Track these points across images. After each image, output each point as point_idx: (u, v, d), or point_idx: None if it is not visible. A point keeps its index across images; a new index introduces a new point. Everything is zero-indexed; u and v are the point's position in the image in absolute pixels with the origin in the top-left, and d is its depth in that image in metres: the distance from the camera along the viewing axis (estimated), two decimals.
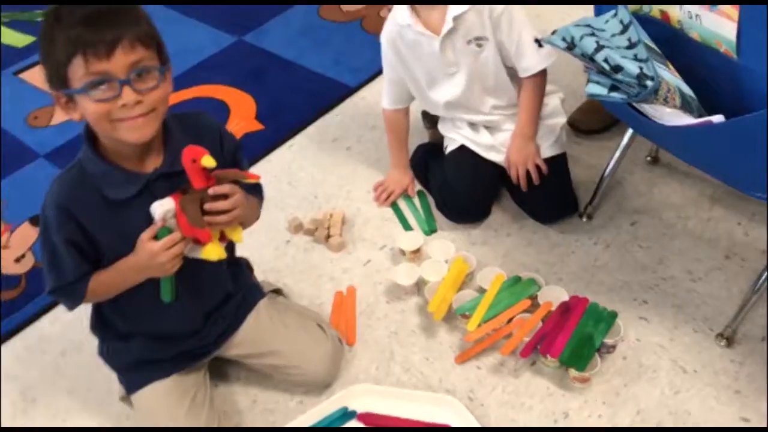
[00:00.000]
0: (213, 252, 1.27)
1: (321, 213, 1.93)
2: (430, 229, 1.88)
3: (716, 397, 1.48)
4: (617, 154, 1.81)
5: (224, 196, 1.23)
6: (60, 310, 1.75)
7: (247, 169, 1.41)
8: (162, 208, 1.22)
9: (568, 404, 1.49)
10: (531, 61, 1.71)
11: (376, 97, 2.33)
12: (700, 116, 1.31)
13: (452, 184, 1.84)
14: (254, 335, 1.51)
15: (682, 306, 1.65)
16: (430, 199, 1.96)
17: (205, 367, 1.52)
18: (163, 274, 1.26)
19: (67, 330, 1.73)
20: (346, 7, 2.78)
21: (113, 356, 1.48)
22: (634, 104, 1.39)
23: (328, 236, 1.87)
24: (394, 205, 1.97)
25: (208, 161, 1.18)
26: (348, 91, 2.37)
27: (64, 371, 1.66)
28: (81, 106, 1.16)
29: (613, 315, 1.57)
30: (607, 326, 1.54)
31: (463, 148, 1.86)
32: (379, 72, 2.41)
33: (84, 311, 1.43)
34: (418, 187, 2.01)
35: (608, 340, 1.53)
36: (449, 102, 1.80)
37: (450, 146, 1.89)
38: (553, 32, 1.38)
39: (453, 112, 1.84)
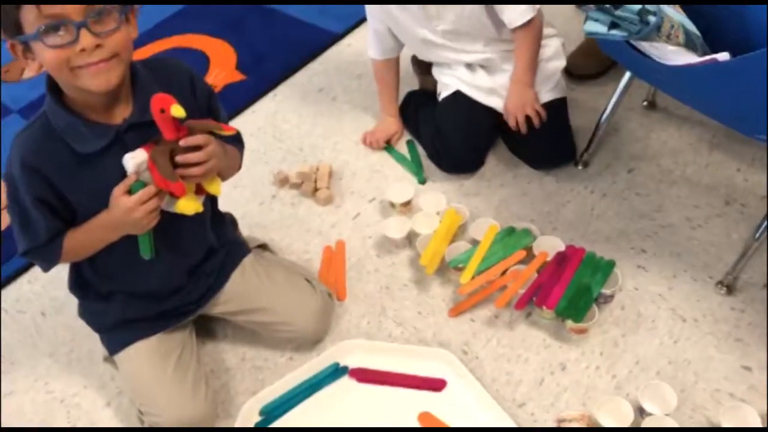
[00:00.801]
0: (188, 206, 1.20)
1: (307, 166, 1.86)
2: (420, 181, 1.82)
3: (716, 346, 1.44)
4: (613, 99, 1.75)
5: (197, 147, 1.16)
6: (38, 269, 1.69)
7: (224, 118, 1.34)
8: (134, 160, 1.15)
9: (565, 356, 1.46)
10: (512, 15, 1.64)
11: (363, 43, 2.24)
12: (705, 54, 1.25)
13: (446, 133, 1.78)
14: (240, 292, 1.46)
15: (681, 254, 1.60)
16: (420, 150, 1.89)
17: (190, 325, 1.47)
18: (140, 230, 1.20)
19: (46, 290, 1.68)
20: None
21: (94, 317, 1.43)
22: (634, 44, 1.32)
23: (315, 189, 1.81)
24: (387, 148, 1.91)
25: (178, 111, 1.11)
26: (333, 39, 2.28)
27: (44, 333, 1.61)
28: (38, 55, 1.08)
29: (611, 264, 1.53)
30: (604, 276, 1.50)
31: (457, 94, 1.79)
32: (365, 18, 2.34)
33: (63, 270, 1.37)
34: (408, 136, 1.94)
35: (606, 290, 1.49)
36: (430, 41, 1.73)
37: (444, 92, 1.82)
38: None
39: (445, 53, 1.77)
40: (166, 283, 1.37)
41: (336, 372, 1.46)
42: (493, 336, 1.50)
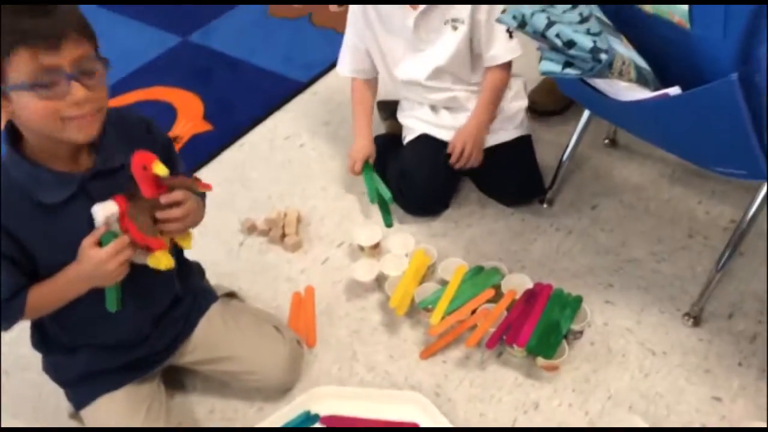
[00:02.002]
0: (163, 260, 1.20)
1: (275, 212, 1.86)
2: (387, 224, 1.82)
3: (687, 378, 1.45)
4: (574, 137, 1.78)
5: (176, 203, 1.17)
6: None
7: (182, 166, 1.34)
8: (104, 211, 1.14)
9: (537, 394, 1.45)
10: (499, 50, 1.69)
11: (329, 92, 2.28)
12: (656, 89, 1.28)
13: (410, 175, 1.79)
14: (207, 340, 1.43)
15: (647, 288, 1.62)
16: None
17: (158, 377, 1.44)
18: (110, 282, 1.19)
19: (10, 348, 1.63)
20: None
21: (58, 371, 1.39)
22: (589, 81, 1.36)
23: (283, 236, 1.81)
24: (364, 170, 1.85)
25: (160, 169, 1.11)
26: (299, 87, 2.30)
27: (7, 391, 1.56)
28: (18, 104, 1.06)
29: (578, 299, 1.53)
30: (572, 312, 1.51)
31: (421, 138, 1.81)
32: (331, 67, 2.38)
33: (27, 327, 1.34)
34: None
35: (575, 326, 1.49)
36: (410, 80, 1.76)
37: (408, 136, 1.85)
38: (503, 11, 1.34)
39: (413, 91, 1.80)
40: (132, 333, 1.35)
41: (307, 420, 1.43)
42: (465, 377, 1.49)
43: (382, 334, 1.59)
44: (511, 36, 1.67)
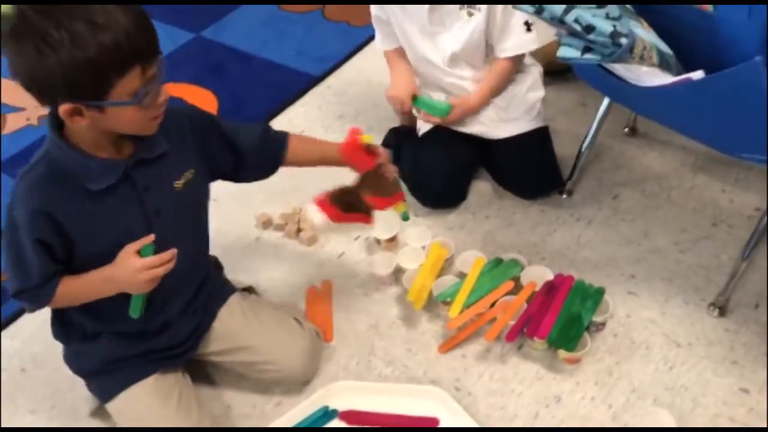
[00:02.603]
0: (402, 206, 1.46)
1: (291, 207, 1.84)
2: (404, 218, 1.79)
3: (713, 369, 1.42)
4: (594, 126, 1.75)
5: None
6: (19, 324, 1.65)
7: (246, 127, 1.40)
8: (318, 219, 1.36)
9: (559, 387, 1.42)
10: (514, 42, 1.67)
11: (343, 85, 2.26)
12: (678, 74, 1.25)
13: (426, 167, 1.77)
14: (228, 330, 1.43)
15: (671, 278, 1.58)
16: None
17: (183, 367, 1.43)
18: (138, 292, 1.22)
19: (26, 345, 1.63)
20: None
21: (81, 360, 1.38)
22: (609, 68, 1.33)
23: (299, 230, 1.79)
24: (416, 100, 1.77)
25: (367, 138, 1.32)
26: (313, 81, 2.28)
27: (24, 388, 1.56)
28: (113, 115, 1.08)
29: (600, 291, 1.50)
30: (594, 303, 1.48)
31: (437, 129, 1.79)
32: (345, 60, 2.37)
33: (44, 324, 1.35)
34: None
35: (597, 318, 1.46)
36: (428, 61, 1.74)
37: (423, 128, 1.82)
38: None
39: (430, 70, 1.77)
40: (157, 321, 1.33)
41: (326, 415, 1.42)
42: (485, 371, 1.47)
43: (400, 327, 1.57)
44: (529, 29, 1.65)
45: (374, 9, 1.79)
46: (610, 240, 1.68)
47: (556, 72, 2.00)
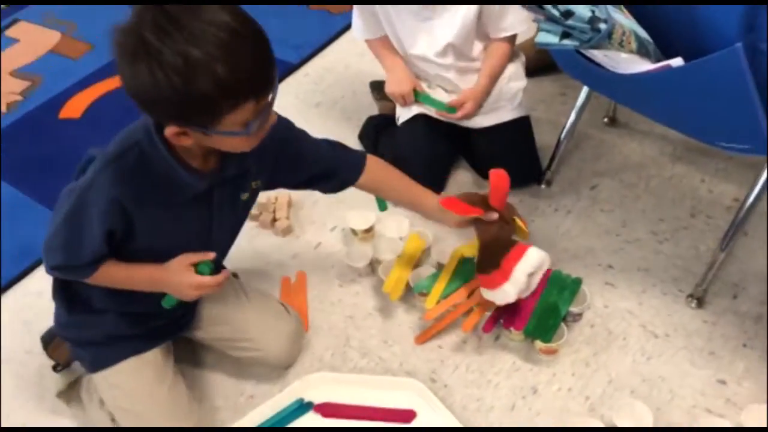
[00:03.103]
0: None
1: (265, 196, 1.80)
2: (381, 208, 1.76)
3: (690, 361, 1.41)
4: (572, 115, 1.73)
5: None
6: None
7: (315, 143, 1.36)
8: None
9: (536, 378, 1.40)
10: (514, 20, 1.64)
11: (320, 73, 2.23)
12: (658, 61, 1.23)
13: (405, 156, 1.74)
14: (217, 303, 1.41)
15: (649, 269, 1.57)
16: None
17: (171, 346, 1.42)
18: (181, 299, 1.24)
19: None
20: None
21: (81, 329, 1.34)
22: (588, 55, 1.30)
23: (274, 220, 1.76)
24: (418, 96, 1.75)
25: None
26: (290, 69, 2.25)
27: None
28: (217, 138, 1.04)
29: (577, 281, 1.49)
30: (571, 294, 1.46)
31: (417, 118, 1.76)
32: (323, 47, 2.33)
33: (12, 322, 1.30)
34: None
35: (574, 309, 1.45)
36: (420, 56, 1.70)
37: (403, 116, 1.79)
38: None
39: (421, 65, 1.74)
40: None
41: (300, 408, 1.39)
42: (461, 362, 1.45)
43: (376, 319, 1.55)
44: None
45: None
46: (588, 230, 1.67)
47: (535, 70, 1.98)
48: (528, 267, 1.34)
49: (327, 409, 1.39)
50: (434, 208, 1.40)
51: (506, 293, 1.34)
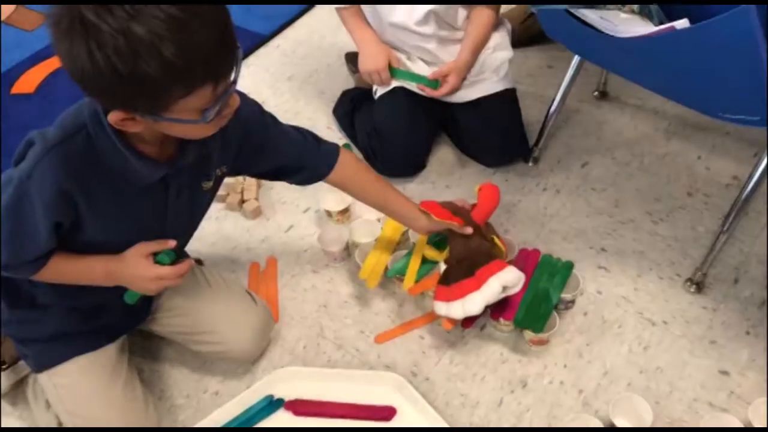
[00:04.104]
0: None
1: (233, 177, 1.67)
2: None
3: (690, 350, 1.31)
4: (561, 88, 1.62)
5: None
6: None
7: (287, 132, 1.24)
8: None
9: (525, 371, 1.30)
10: None
11: (292, 45, 2.10)
12: (661, 23, 1.12)
13: (384, 130, 1.62)
14: (177, 294, 1.29)
15: (644, 251, 1.47)
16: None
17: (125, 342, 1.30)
18: (141, 292, 1.14)
19: None
20: None
21: (22, 327, 1.22)
22: (582, 17, 1.19)
23: (242, 201, 1.63)
24: (395, 72, 1.63)
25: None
26: (261, 40, 2.11)
27: None
28: (168, 124, 0.92)
29: (569, 265, 1.38)
30: (563, 279, 1.36)
31: (395, 91, 1.64)
32: (295, 18, 2.20)
33: None
34: (345, 140, 1.78)
35: (566, 295, 1.35)
36: (399, 24, 1.58)
37: (381, 89, 1.66)
38: None
39: (398, 35, 1.61)
40: (117, 298, 1.18)
41: (270, 405, 1.29)
42: (444, 354, 1.34)
43: (352, 307, 1.44)
44: None
45: None
46: (579, 211, 1.56)
47: (520, 42, 1.87)
48: (504, 281, 1.24)
49: (299, 407, 1.29)
50: (406, 212, 1.33)
51: (472, 303, 1.23)
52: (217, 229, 1.61)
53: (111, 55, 0.79)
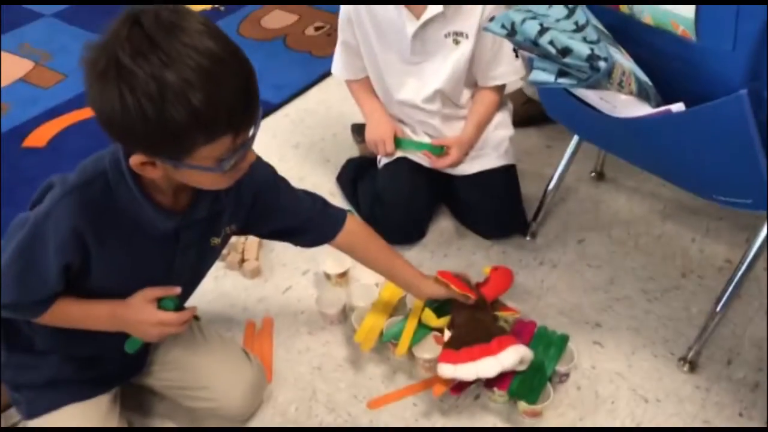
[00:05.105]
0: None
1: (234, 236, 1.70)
2: None
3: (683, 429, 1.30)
4: (560, 167, 1.67)
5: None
6: None
7: (294, 197, 1.29)
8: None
9: None
10: (506, 70, 1.60)
11: (300, 114, 2.16)
12: (658, 105, 1.16)
13: (386, 198, 1.66)
14: (173, 349, 1.29)
15: (638, 329, 1.48)
16: None
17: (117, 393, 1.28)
18: (144, 339, 1.14)
19: None
20: (268, 25, 2.60)
21: (20, 372, 1.21)
22: (582, 97, 1.24)
23: (242, 261, 1.65)
24: (400, 143, 1.68)
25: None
26: (270, 109, 2.17)
27: None
28: (186, 172, 0.95)
29: (564, 338, 1.39)
30: (558, 351, 1.36)
31: (399, 161, 1.68)
32: (304, 90, 2.27)
33: None
34: (348, 207, 1.81)
35: (561, 368, 1.35)
36: (406, 101, 1.65)
37: (384, 158, 1.71)
38: (491, 19, 1.23)
39: (405, 110, 1.68)
40: (116, 350, 1.17)
41: None
42: (437, 422, 1.33)
43: (346, 371, 1.43)
44: (517, 55, 1.56)
45: (344, 34, 1.67)
46: (575, 286, 1.58)
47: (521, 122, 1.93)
48: (523, 354, 1.27)
49: None
50: (410, 278, 1.36)
51: (488, 366, 1.24)
52: (216, 286, 1.62)
53: (141, 99, 0.83)
